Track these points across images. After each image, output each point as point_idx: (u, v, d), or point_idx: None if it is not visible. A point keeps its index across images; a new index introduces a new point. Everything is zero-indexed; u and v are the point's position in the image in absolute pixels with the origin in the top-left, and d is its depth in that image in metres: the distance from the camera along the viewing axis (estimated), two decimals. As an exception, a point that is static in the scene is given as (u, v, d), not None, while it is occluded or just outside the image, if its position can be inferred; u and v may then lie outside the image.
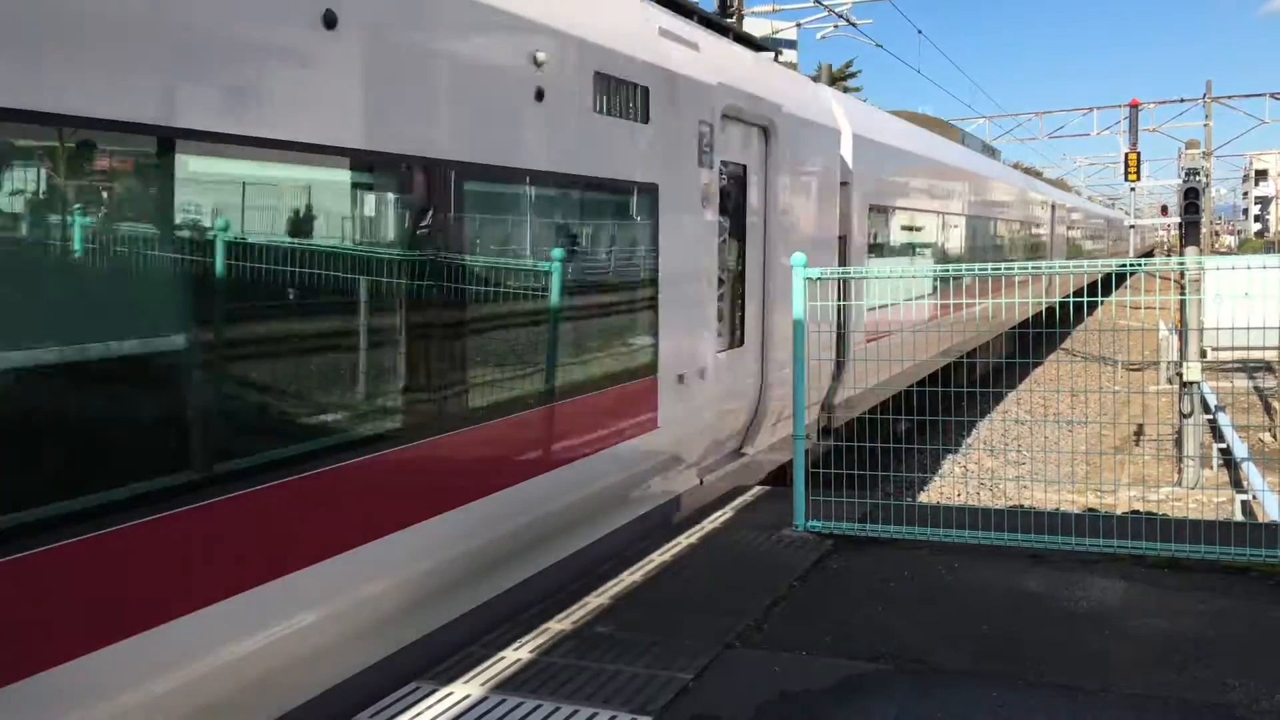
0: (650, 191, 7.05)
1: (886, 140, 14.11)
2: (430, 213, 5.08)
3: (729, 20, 11.90)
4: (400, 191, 5.04)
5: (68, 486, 3.50)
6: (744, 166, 8.88)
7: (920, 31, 30.87)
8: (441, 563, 5.11)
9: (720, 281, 8.36)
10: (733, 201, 8.72)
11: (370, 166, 4.80)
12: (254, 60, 4.15)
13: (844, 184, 11.66)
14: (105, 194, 3.82)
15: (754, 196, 9.05)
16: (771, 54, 10.81)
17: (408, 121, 4.90)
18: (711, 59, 8.20)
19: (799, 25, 26.58)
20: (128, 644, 3.61)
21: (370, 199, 5.01)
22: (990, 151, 30.50)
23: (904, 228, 15.26)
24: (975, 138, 27.97)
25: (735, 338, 8.81)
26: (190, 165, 3.96)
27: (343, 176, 4.71)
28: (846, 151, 11.81)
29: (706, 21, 9.00)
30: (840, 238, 11.53)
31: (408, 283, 4.90)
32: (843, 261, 11.59)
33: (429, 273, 5.02)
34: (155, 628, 3.71)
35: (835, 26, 25.14)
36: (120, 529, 3.58)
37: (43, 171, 3.57)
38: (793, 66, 13.77)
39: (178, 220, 3.95)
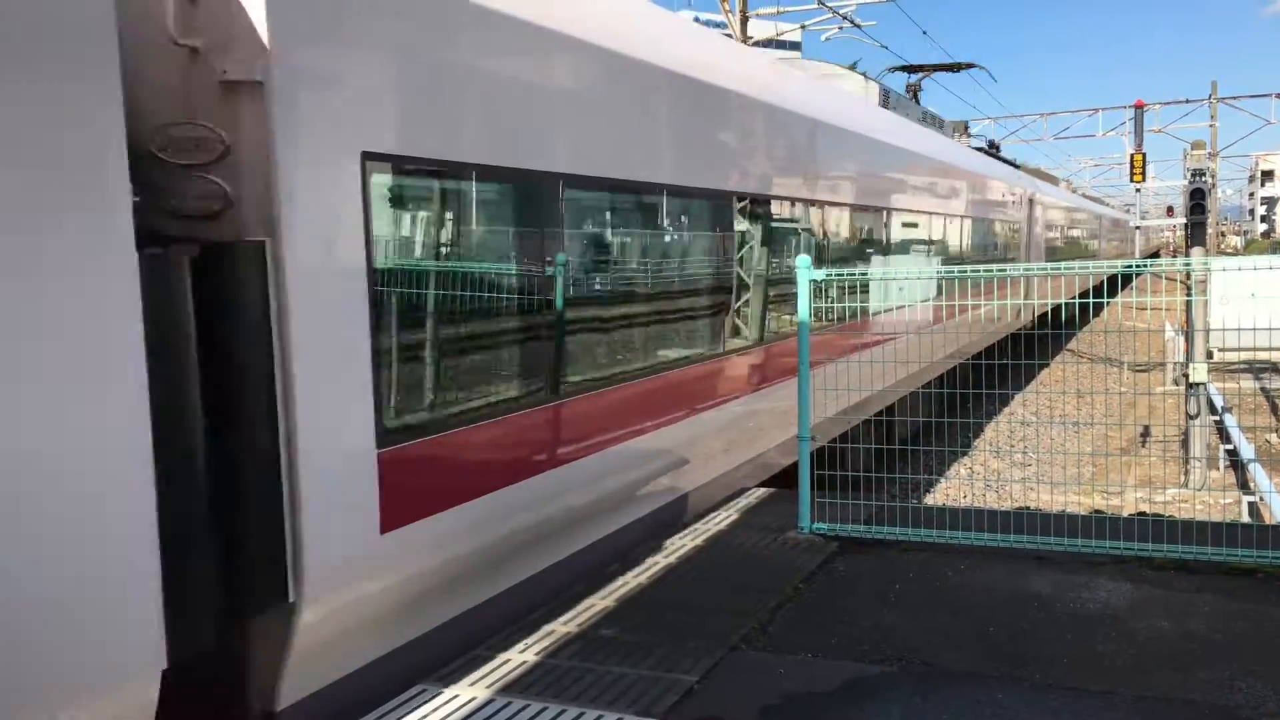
0: (1019, 224, 23.49)
1: (1049, 193, 31.27)
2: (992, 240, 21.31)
3: (1017, 161, 31.56)
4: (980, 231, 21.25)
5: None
6: (1027, 215, 24.11)
7: (925, 32, 30.96)
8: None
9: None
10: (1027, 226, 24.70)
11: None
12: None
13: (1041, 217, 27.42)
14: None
15: (1027, 228, 24.34)
16: (1018, 168, 29.43)
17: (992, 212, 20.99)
18: (1020, 176, 26.18)
19: (804, 27, 26.59)
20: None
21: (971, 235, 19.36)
22: (1070, 187, 56.37)
23: (1059, 238, 32.97)
24: (1053, 177, 49.07)
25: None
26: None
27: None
28: (1042, 202, 27.54)
29: (1012, 163, 29.30)
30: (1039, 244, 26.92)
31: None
32: (1046, 255, 27.95)
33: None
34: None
35: (839, 28, 25.17)
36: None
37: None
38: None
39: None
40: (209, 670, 3.95)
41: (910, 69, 25.33)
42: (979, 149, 25.32)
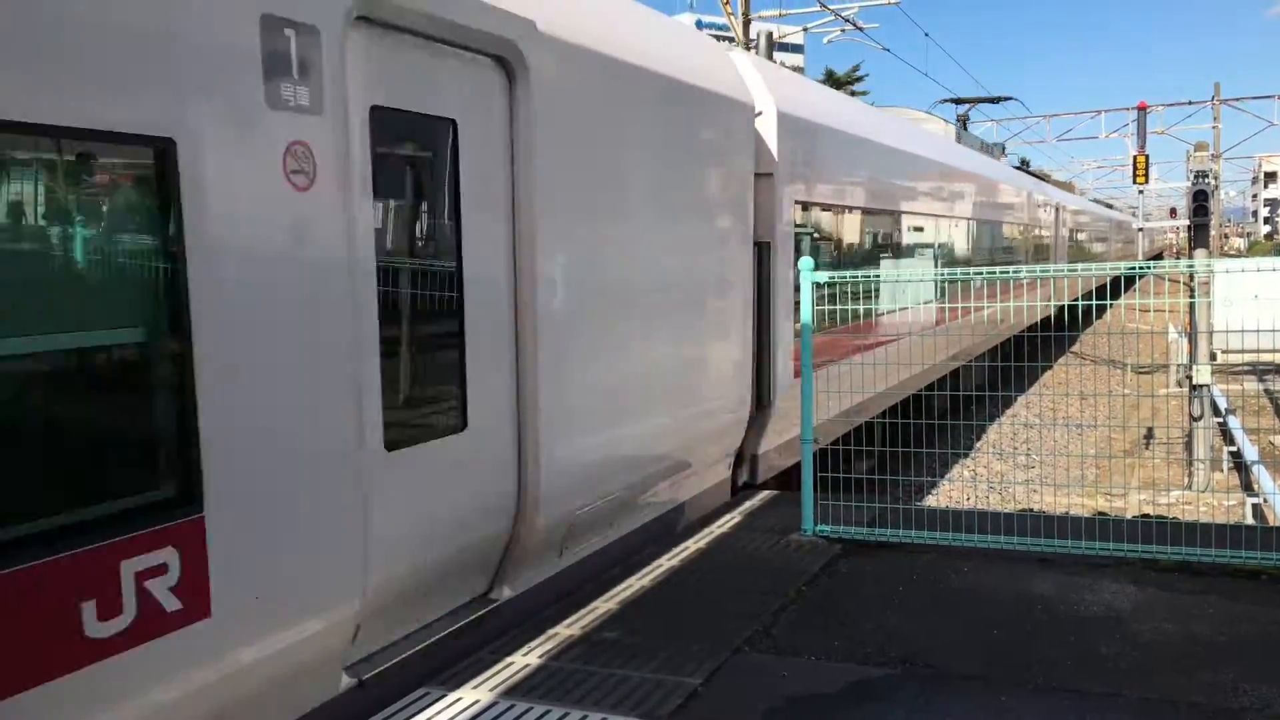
0: (1051, 228, 29.41)
1: (1071, 202, 36.84)
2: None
3: (1046, 173, 43.45)
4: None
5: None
6: (1055, 221, 30.27)
7: (928, 35, 31.00)
8: None
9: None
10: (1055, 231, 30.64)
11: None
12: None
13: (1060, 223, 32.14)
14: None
15: (1055, 232, 30.58)
16: (1047, 181, 39.75)
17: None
18: (1051, 190, 32.88)
19: (806, 30, 26.61)
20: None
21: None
22: (1082, 193, 64.36)
23: (1080, 240, 38.81)
24: (1071, 185, 59.62)
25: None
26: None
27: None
28: (1067, 210, 33.65)
29: (1043, 177, 40.01)
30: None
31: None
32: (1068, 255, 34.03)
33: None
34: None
35: (842, 30, 25.19)
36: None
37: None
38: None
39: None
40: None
41: (957, 101, 33.09)
42: (1015, 167, 32.91)
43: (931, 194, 15.17)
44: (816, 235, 10.32)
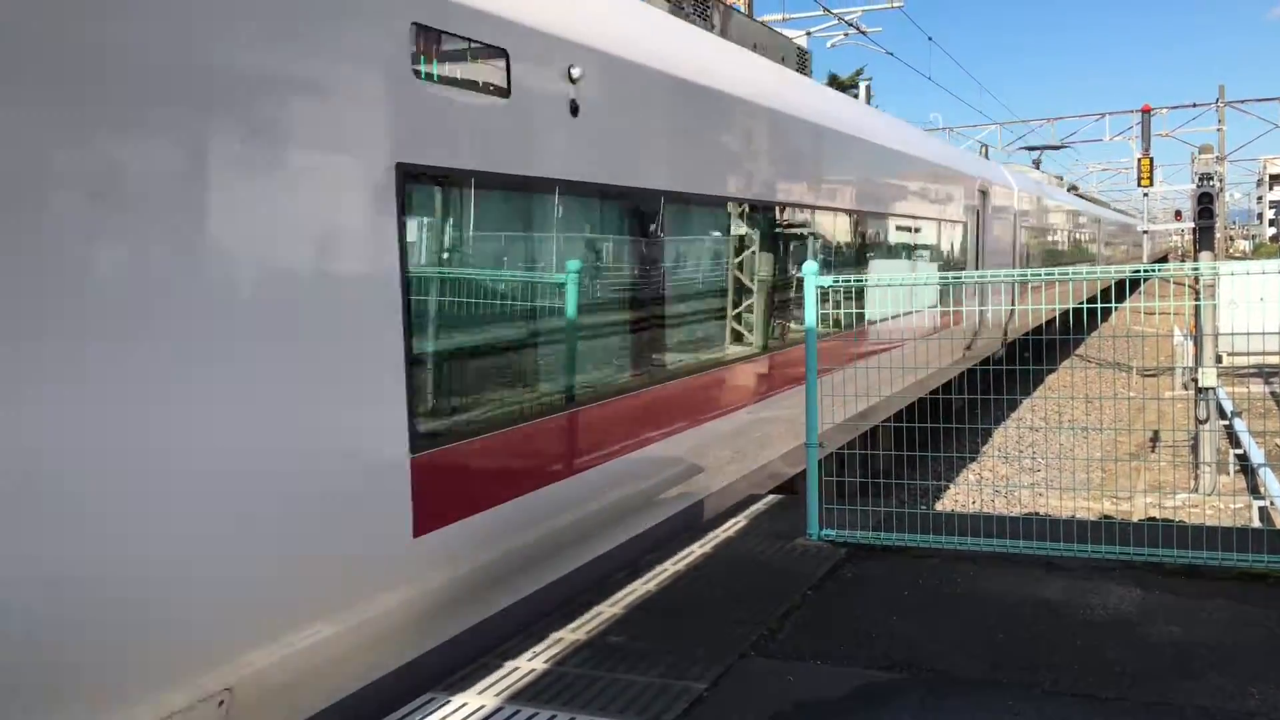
0: (1094, 237, 43.35)
1: (1105, 215, 52.17)
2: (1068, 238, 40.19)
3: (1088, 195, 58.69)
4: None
5: None
6: (1097, 231, 44.71)
7: (930, 38, 31.03)
8: None
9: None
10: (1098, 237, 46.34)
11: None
12: None
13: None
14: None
15: (1098, 238, 45.63)
16: (1087, 199, 54.86)
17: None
18: (1094, 208, 49.25)
19: (809, 34, 26.62)
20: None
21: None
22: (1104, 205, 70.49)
23: (1107, 246, 49.48)
24: (1104, 202, 68.25)
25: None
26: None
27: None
28: (1102, 220, 48.61)
29: (1086, 197, 54.95)
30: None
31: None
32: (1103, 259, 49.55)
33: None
34: None
35: (845, 35, 25.23)
36: None
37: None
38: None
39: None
40: None
41: (1030, 148, 46.75)
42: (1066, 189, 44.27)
43: (1056, 218, 29.31)
44: (1028, 243, 22.27)
